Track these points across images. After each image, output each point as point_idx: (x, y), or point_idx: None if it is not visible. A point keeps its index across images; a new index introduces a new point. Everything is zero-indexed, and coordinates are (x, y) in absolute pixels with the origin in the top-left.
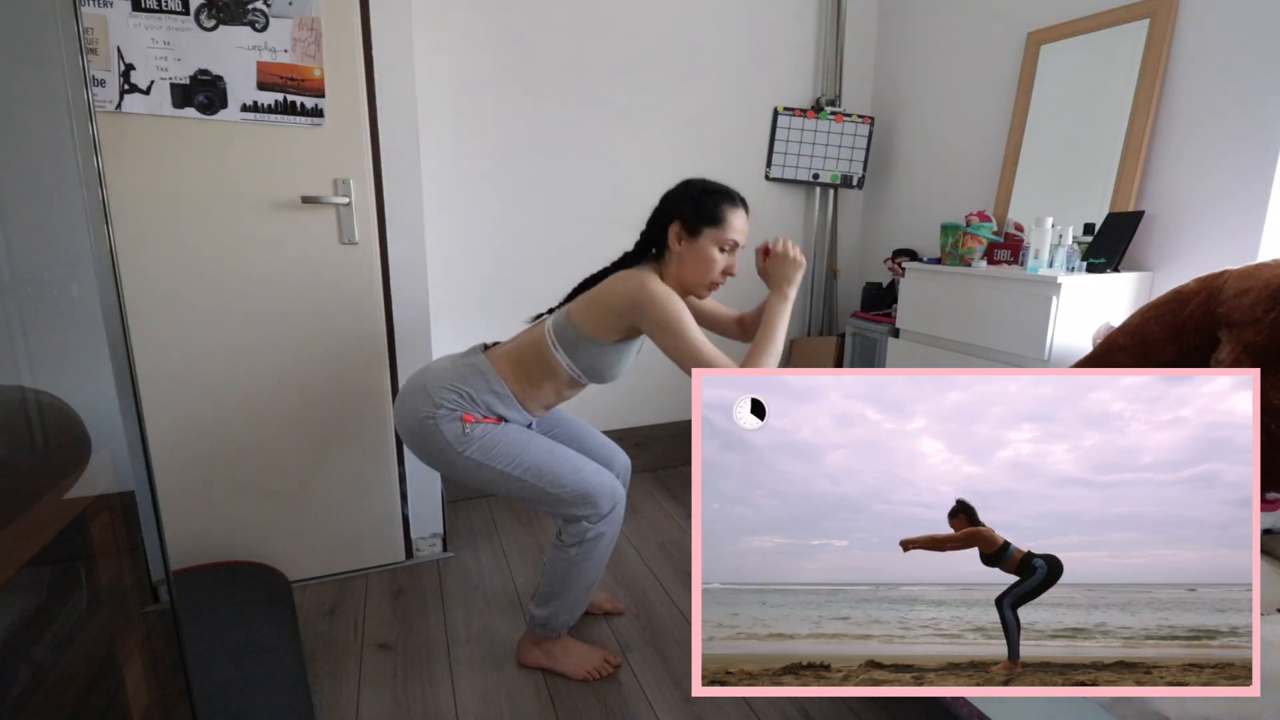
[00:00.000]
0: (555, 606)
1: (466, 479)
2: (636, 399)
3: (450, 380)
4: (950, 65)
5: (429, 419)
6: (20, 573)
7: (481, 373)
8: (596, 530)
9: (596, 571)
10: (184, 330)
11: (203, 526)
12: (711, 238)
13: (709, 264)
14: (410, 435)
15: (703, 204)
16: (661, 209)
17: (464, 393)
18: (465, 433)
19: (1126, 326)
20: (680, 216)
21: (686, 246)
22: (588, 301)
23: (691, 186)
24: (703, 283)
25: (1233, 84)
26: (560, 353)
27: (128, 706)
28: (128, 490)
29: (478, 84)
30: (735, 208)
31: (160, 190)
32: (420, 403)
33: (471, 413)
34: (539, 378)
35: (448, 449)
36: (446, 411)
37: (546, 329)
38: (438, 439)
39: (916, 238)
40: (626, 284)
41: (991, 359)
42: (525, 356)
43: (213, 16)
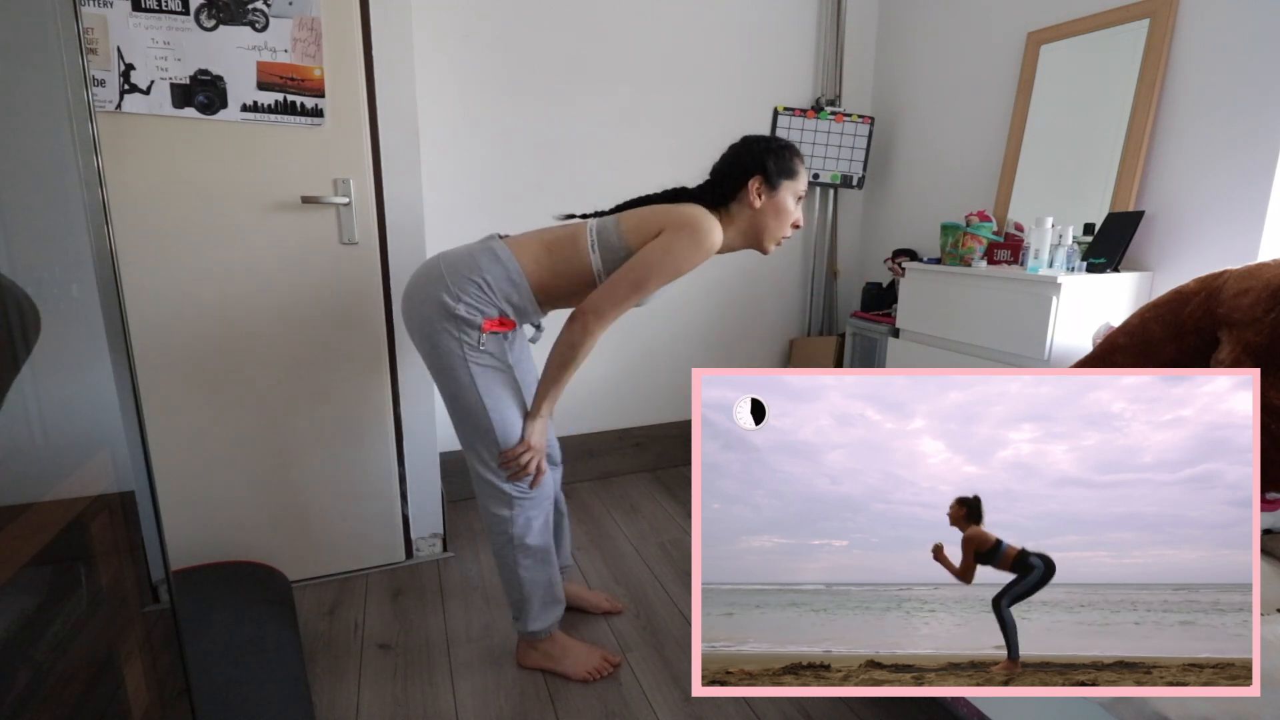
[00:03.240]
0: (526, 615)
1: (443, 379)
2: (636, 399)
3: (469, 267)
4: (950, 65)
5: (448, 313)
6: (20, 573)
7: (500, 260)
8: (521, 520)
9: (544, 567)
10: (184, 330)
11: (203, 526)
12: (789, 190)
13: (787, 214)
14: (421, 325)
15: (782, 158)
16: (739, 164)
17: (483, 281)
18: (481, 344)
19: (1126, 326)
20: (763, 171)
21: (768, 200)
22: (640, 218)
23: (764, 142)
24: (779, 234)
25: (1233, 84)
26: (596, 255)
27: (128, 706)
28: (128, 490)
29: (478, 84)
30: (802, 161)
31: (160, 190)
32: (438, 289)
33: (489, 310)
34: (562, 274)
35: (456, 358)
36: (465, 308)
37: (589, 228)
38: (449, 343)
39: (916, 238)
40: (685, 215)
41: (991, 359)
42: (556, 248)
43: (213, 16)
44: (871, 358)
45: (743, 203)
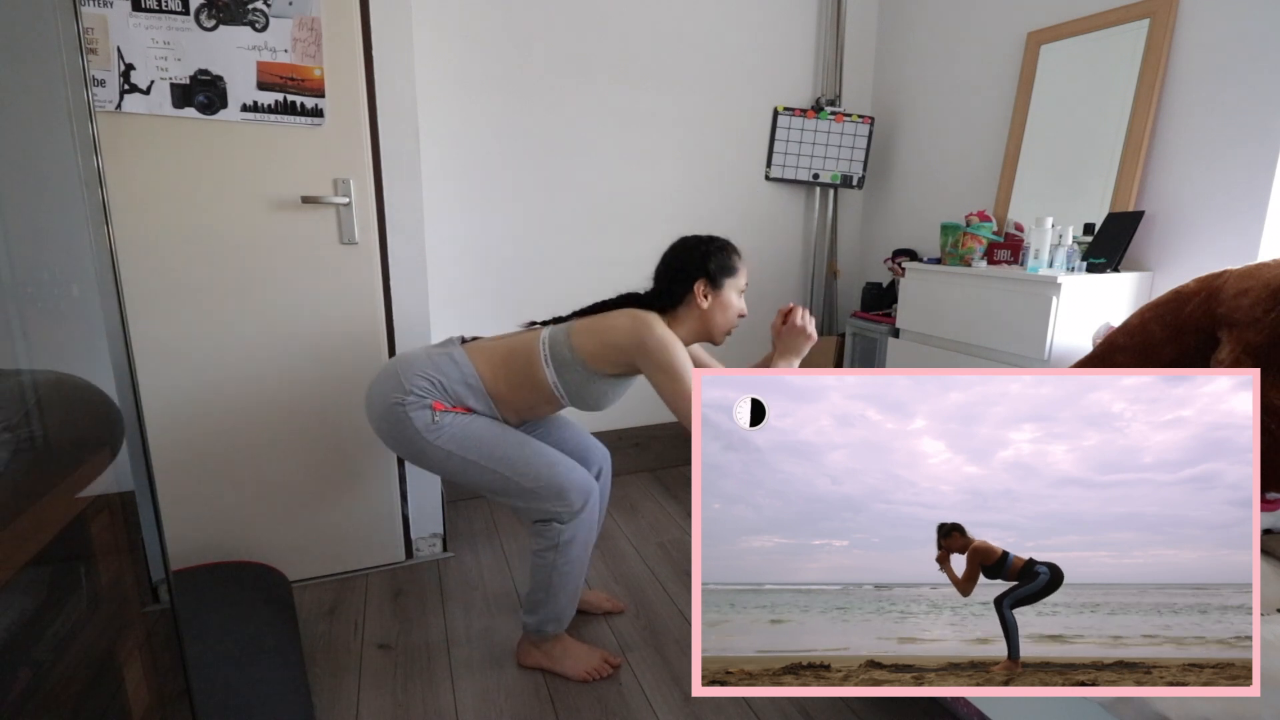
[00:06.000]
0: (543, 614)
1: (437, 469)
2: (636, 399)
3: (423, 367)
4: (950, 65)
5: (398, 405)
6: (20, 573)
7: (456, 363)
8: (569, 532)
9: (578, 574)
10: (184, 330)
11: (203, 526)
12: (731, 286)
13: (733, 309)
14: (380, 422)
15: (721, 259)
16: (683, 269)
17: (436, 380)
18: (435, 420)
19: (1126, 326)
20: (706, 275)
21: (714, 299)
22: (590, 330)
23: (703, 245)
24: (727, 327)
25: (1233, 84)
26: (550, 369)
27: (128, 706)
28: (128, 490)
29: (478, 84)
30: (740, 255)
31: (160, 190)
32: (390, 388)
33: (442, 401)
34: (519, 385)
35: (417, 437)
36: (416, 398)
37: (541, 341)
38: (406, 426)
39: (916, 238)
40: (634, 323)
41: (991, 359)
42: (511, 360)
43: (213, 16)
44: (872, 358)
45: (690, 304)
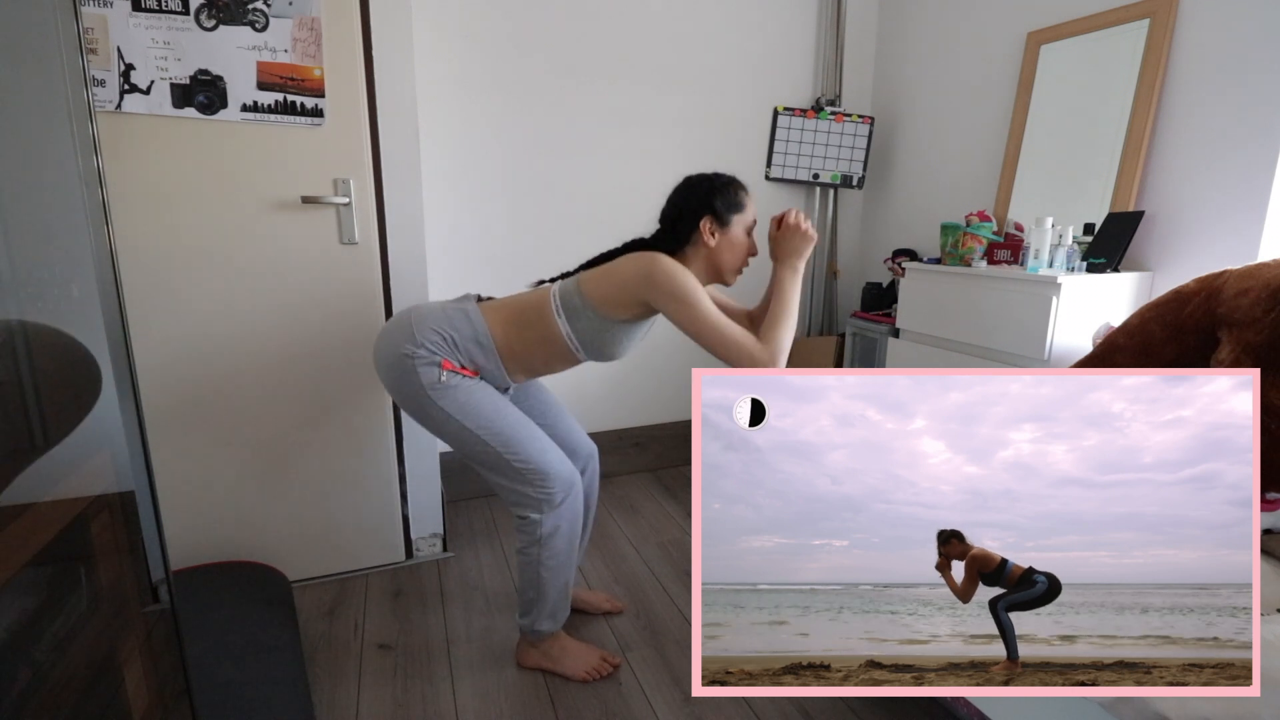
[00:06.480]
0: (536, 613)
1: (434, 428)
2: (636, 399)
3: (437, 321)
4: (950, 65)
5: (408, 358)
6: (20, 573)
7: (470, 319)
8: (549, 524)
9: (565, 568)
10: (184, 330)
11: (203, 526)
12: (739, 223)
13: (741, 247)
14: (388, 371)
15: (727, 195)
16: (688, 207)
17: (448, 336)
18: (441, 380)
19: (1126, 326)
20: (712, 211)
21: (721, 237)
22: (600, 275)
23: (708, 181)
24: (737, 266)
25: (1233, 84)
26: (562, 319)
27: (128, 706)
28: (128, 490)
29: (478, 84)
30: (748, 192)
31: (160, 190)
32: (402, 339)
33: (451, 359)
34: (532, 341)
35: (420, 392)
36: (426, 354)
37: (552, 293)
38: (413, 380)
39: (916, 238)
40: (639, 261)
41: (992, 359)
42: (524, 316)
43: (213, 16)
44: (872, 358)
45: (697, 244)
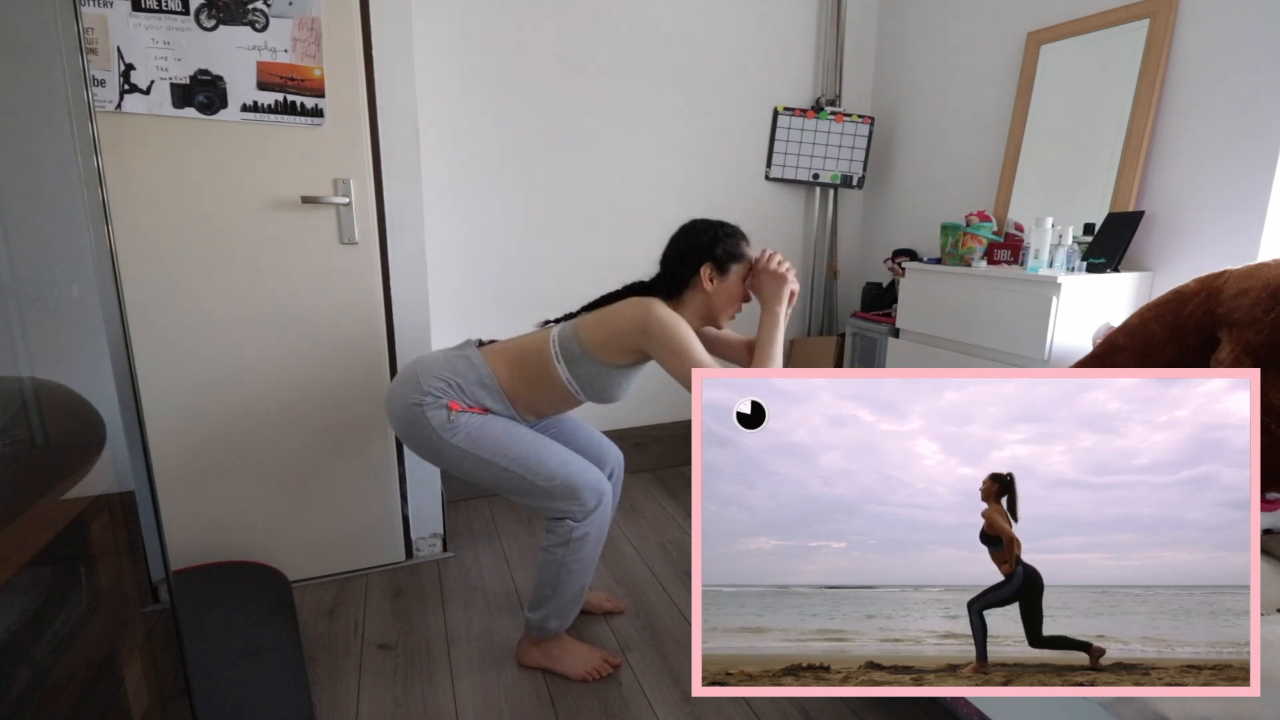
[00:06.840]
0: (548, 610)
1: (453, 467)
2: (636, 399)
3: (440, 369)
4: (950, 65)
5: (416, 406)
6: (20, 573)
7: (473, 364)
8: (581, 529)
9: (586, 572)
10: (184, 330)
11: (203, 526)
12: (737, 272)
13: (736, 295)
14: (399, 422)
15: (729, 244)
16: (690, 253)
17: (453, 382)
18: (450, 420)
19: (1127, 327)
20: (714, 259)
21: (719, 284)
22: (597, 322)
23: (712, 230)
24: (731, 312)
25: (1233, 84)
26: (561, 365)
27: (128, 706)
28: (128, 490)
29: (478, 84)
30: (748, 243)
31: (160, 190)
32: (409, 390)
33: (458, 401)
34: (534, 384)
35: (434, 436)
36: (433, 399)
37: (551, 339)
38: (424, 426)
39: (916, 238)
40: (635, 309)
41: (991, 359)
42: (525, 360)
43: (213, 16)
44: (872, 358)
45: (695, 288)
